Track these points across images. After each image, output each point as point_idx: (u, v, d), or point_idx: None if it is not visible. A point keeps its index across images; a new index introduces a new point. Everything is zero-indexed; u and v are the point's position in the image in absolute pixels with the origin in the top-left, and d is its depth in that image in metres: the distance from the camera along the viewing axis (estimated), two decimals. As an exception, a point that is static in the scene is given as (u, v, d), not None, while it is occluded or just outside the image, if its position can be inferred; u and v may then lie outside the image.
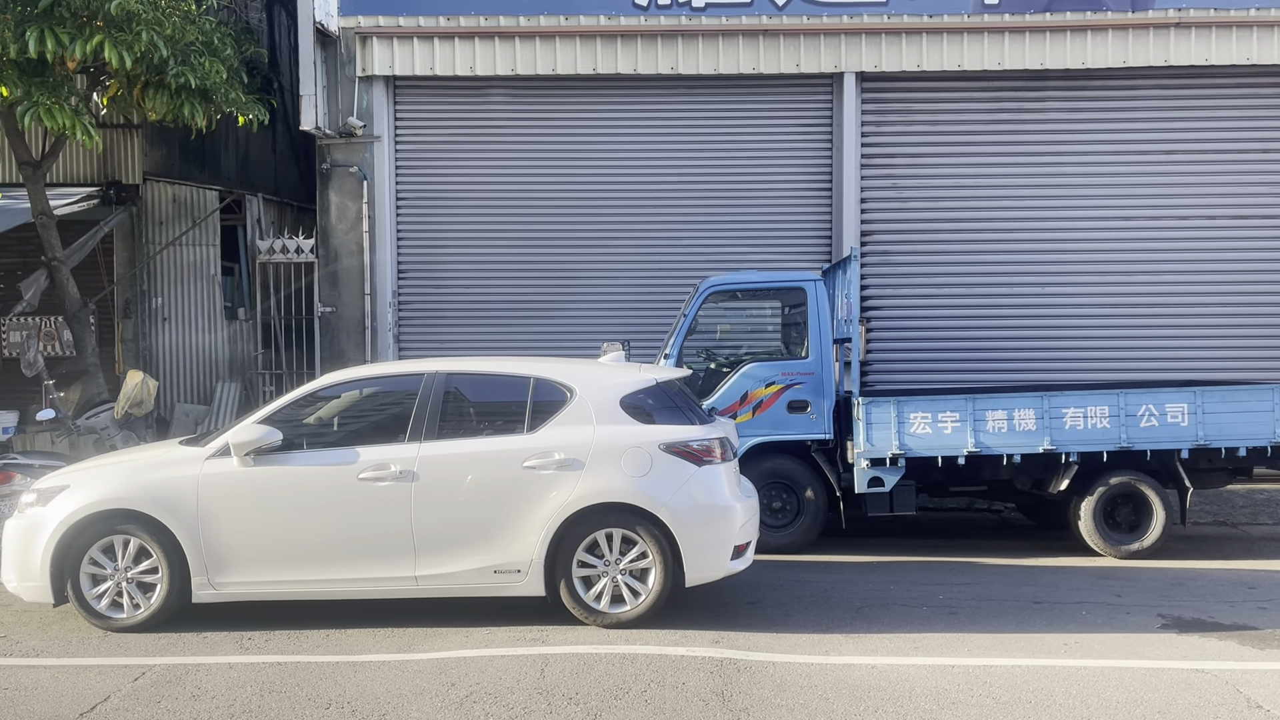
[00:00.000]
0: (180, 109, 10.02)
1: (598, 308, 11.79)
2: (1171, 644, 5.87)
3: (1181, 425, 8.16)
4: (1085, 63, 11.28)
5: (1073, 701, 4.90)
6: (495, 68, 11.50)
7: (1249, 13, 11.18)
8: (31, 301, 11.10)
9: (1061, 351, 11.52)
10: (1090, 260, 11.57)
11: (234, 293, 12.57)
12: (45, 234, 10.50)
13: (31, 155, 10.51)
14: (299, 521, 6.08)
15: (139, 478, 6.17)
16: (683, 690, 5.05)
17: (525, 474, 6.04)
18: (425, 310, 11.98)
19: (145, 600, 6.09)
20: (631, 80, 11.65)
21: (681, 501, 6.03)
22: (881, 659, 5.56)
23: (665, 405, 6.35)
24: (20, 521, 6.16)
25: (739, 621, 6.29)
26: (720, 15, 11.35)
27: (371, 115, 11.71)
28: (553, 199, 11.87)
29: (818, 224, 11.77)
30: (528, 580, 6.04)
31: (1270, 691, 5.05)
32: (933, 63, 11.34)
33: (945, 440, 8.22)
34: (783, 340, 9.75)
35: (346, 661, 5.54)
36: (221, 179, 13.16)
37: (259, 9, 13.96)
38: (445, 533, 6.03)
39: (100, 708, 4.90)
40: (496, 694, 5.02)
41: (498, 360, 7.23)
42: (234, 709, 4.88)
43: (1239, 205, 11.51)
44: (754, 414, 8.62)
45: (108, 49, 8.83)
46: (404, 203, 11.96)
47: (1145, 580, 7.49)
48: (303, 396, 6.49)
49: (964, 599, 6.89)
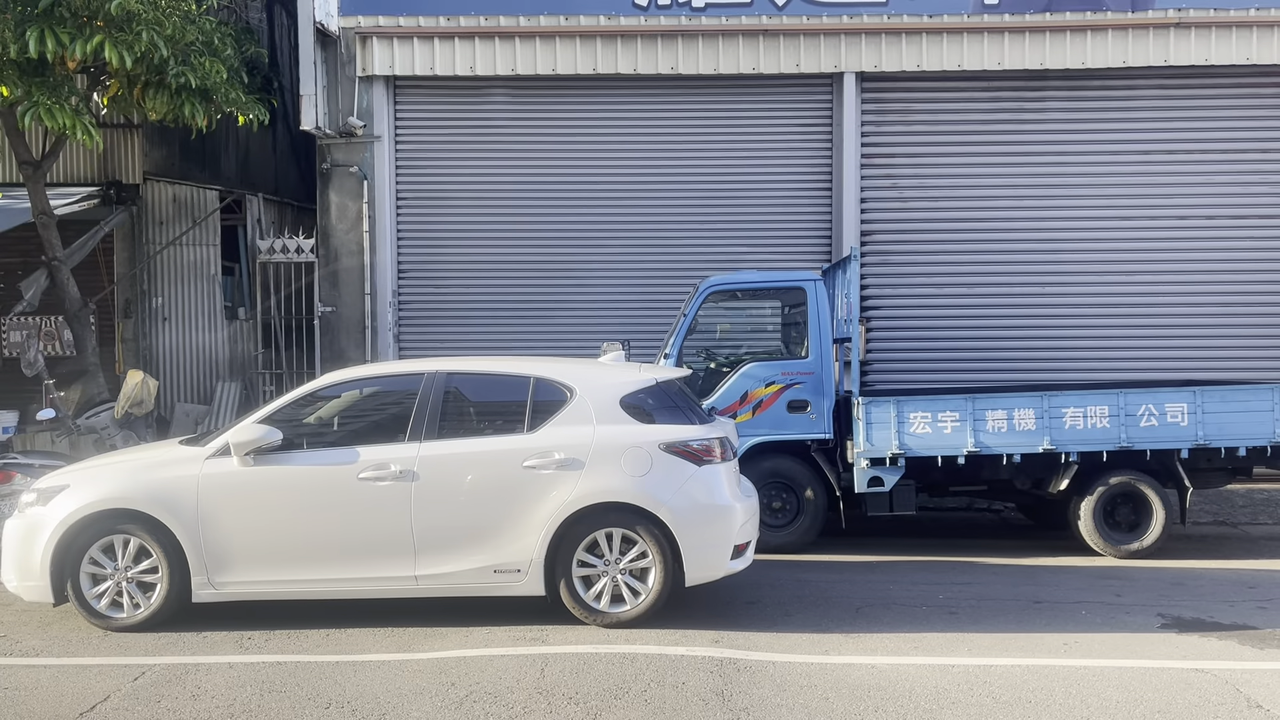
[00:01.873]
0: (180, 109, 10.03)
1: (598, 308, 11.79)
2: (1171, 644, 5.87)
3: (1181, 425, 8.16)
4: (1085, 63, 11.28)
5: (1073, 701, 4.90)
6: (495, 68, 11.51)
7: (1249, 13, 11.18)
8: (32, 301, 11.10)
9: (1061, 351, 11.52)
10: (1090, 260, 11.58)
11: (234, 292, 12.57)
12: (45, 234, 10.50)
13: (32, 155, 10.51)
14: (299, 521, 6.08)
15: (139, 477, 6.18)
16: (683, 690, 5.05)
17: (525, 474, 6.04)
18: (425, 310, 11.99)
19: (145, 600, 6.09)
20: (631, 80, 11.66)
21: (681, 501, 6.03)
22: (881, 659, 5.56)
23: (665, 405, 6.36)
24: (20, 521, 6.16)
25: (739, 621, 6.29)
26: (720, 15, 11.36)
27: (372, 115, 11.71)
28: (553, 199, 11.88)
29: (818, 224, 11.78)
30: (528, 580, 6.05)
31: (1270, 691, 5.05)
32: (933, 63, 11.34)
33: (945, 440, 8.22)
34: (782, 340, 9.75)
35: (346, 661, 5.55)
36: (222, 179, 13.16)
37: (259, 9, 13.96)
38: (445, 532, 6.03)
39: (100, 707, 4.90)
40: (496, 694, 5.02)
41: (498, 360, 7.23)
42: (234, 709, 4.88)
43: (1239, 205, 11.52)
44: (754, 414, 8.63)
45: (108, 49, 8.84)
46: (404, 203, 11.96)
47: (1145, 580, 7.49)
48: (303, 396, 6.50)
49: (964, 599, 6.89)
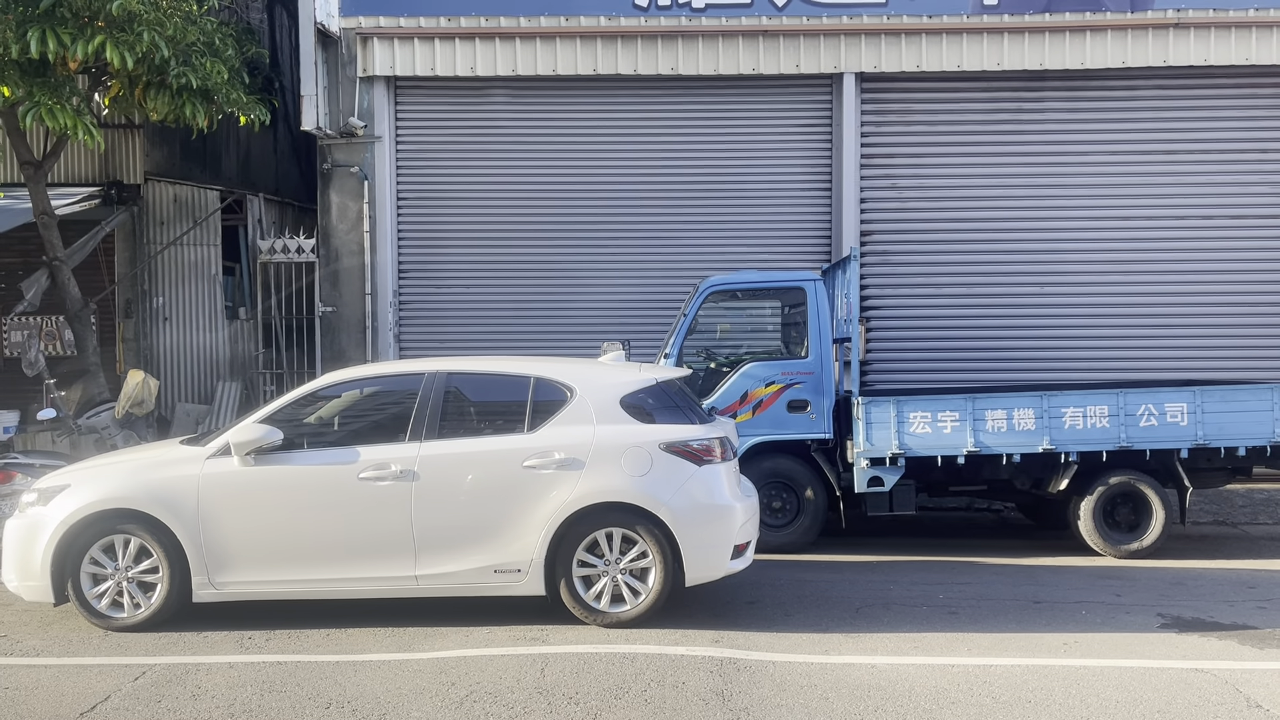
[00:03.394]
0: (181, 109, 10.03)
1: (598, 308, 11.80)
2: (1171, 643, 5.88)
3: (1181, 425, 8.17)
4: (1085, 63, 11.29)
5: (1073, 701, 4.90)
6: (496, 68, 11.52)
7: (1249, 13, 11.18)
8: (33, 301, 11.10)
9: (1061, 351, 11.53)
10: (1090, 260, 11.58)
11: (235, 292, 12.58)
12: (46, 234, 10.50)
13: (33, 155, 10.52)
14: (299, 521, 6.08)
15: (140, 477, 6.18)
16: (683, 690, 5.06)
17: (525, 473, 6.05)
18: (425, 310, 11.99)
19: (146, 600, 6.09)
20: (631, 80, 11.66)
21: (681, 501, 6.04)
22: (881, 658, 5.57)
23: (665, 405, 6.36)
24: (21, 521, 6.16)
25: (739, 621, 6.29)
26: (720, 16, 11.36)
27: (372, 115, 11.72)
28: (553, 199, 11.88)
29: (818, 224, 11.78)
30: (528, 580, 6.05)
31: (1270, 691, 5.05)
32: (932, 63, 11.35)
33: (945, 440, 8.23)
34: (782, 340, 9.76)
35: (346, 661, 5.55)
36: (222, 179, 13.17)
37: (260, 9, 13.96)
38: (445, 532, 6.04)
39: (100, 707, 4.91)
40: (496, 693, 5.03)
41: (498, 360, 7.23)
42: (234, 708, 4.88)
43: (1238, 205, 11.51)
44: (754, 413, 8.63)
45: (109, 49, 8.84)
46: (404, 203, 11.97)
47: (1145, 580, 7.50)
48: (303, 396, 6.50)
49: (964, 599, 6.89)
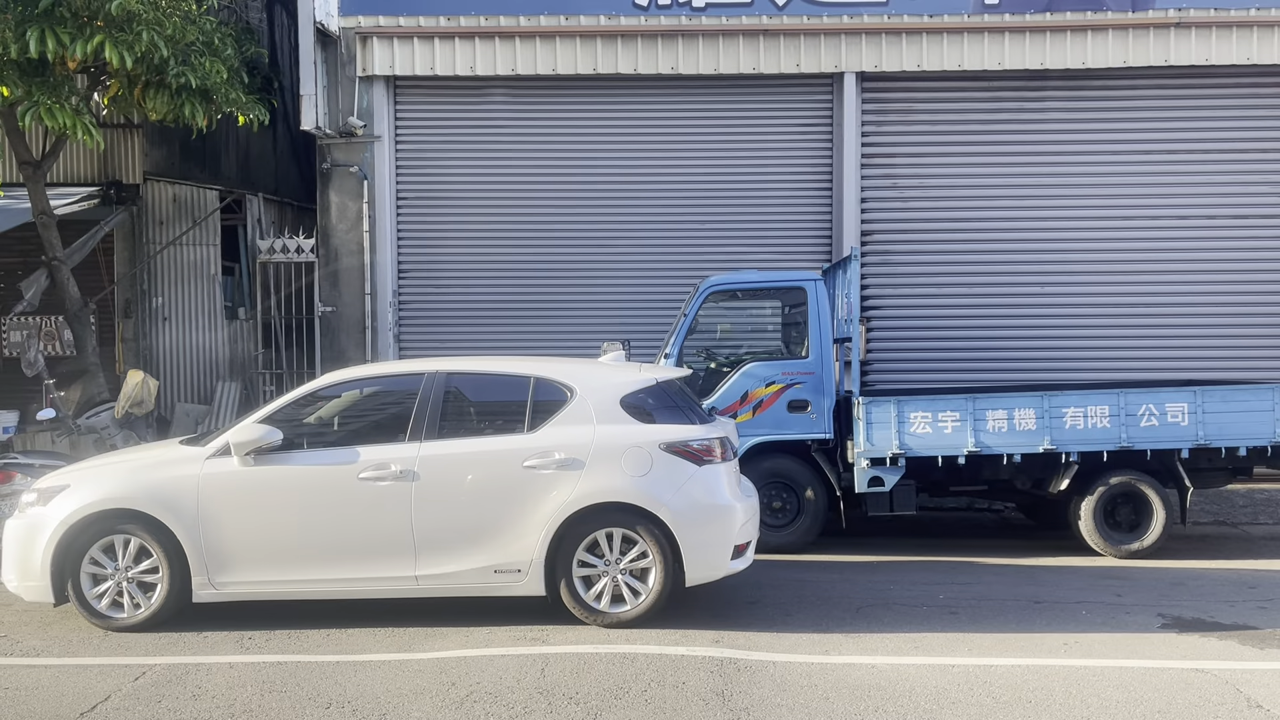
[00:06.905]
0: (181, 109, 10.02)
1: (598, 308, 11.79)
2: (1171, 644, 5.87)
3: (1181, 425, 8.16)
4: (1085, 63, 11.28)
5: (1073, 701, 4.90)
6: (495, 68, 11.51)
7: (1249, 13, 11.18)
8: (32, 301, 11.10)
9: (1061, 351, 11.52)
10: (1090, 260, 11.57)
11: (234, 292, 12.57)
12: (46, 233, 10.49)
13: (32, 155, 10.50)
14: (299, 521, 6.08)
15: (139, 477, 6.18)
16: (683, 690, 5.05)
17: (525, 474, 6.04)
18: (425, 310, 11.99)
19: (145, 600, 6.09)
20: (631, 80, 11.66)
21: (682, 501, 6.03)
22: (881, 659, 5.57)
23: (665, 405, 6.36)
24: (21, 521, 6.16)
25: (739, 621, 6.29)
26: (720, 15, 11.35)
27: (372, 115, 11.71)
28: (553, 199, 11.88)
29: (818, 224, 11.78)
30: (528, 580, 6.05)
31: (1270, 691, 5.05)
32: (933, 63, 11.34)
33: (945, 440, 8.22)
34: (783, 340, 9.75)
35: (347, 661, 5.55)
36: (222, 179, 13.16)
37: (259, 9, 13.96)
38: (445, 532, 6.03)
39: (101, 707, 4.91)
40: (497, 694, 5.02)
41: (498, 360, 7.23)
42: (234, 708, 4.88)
43: (1239, 205, 11.51)
44: (754, 413, 8.63)
45: (108, 49, 8.83)
46: (404, 202, 11.96)
47: (1145, 580, 7.49)
48: (303, 396, 6.50)
49: (964, 599, 6.89)
